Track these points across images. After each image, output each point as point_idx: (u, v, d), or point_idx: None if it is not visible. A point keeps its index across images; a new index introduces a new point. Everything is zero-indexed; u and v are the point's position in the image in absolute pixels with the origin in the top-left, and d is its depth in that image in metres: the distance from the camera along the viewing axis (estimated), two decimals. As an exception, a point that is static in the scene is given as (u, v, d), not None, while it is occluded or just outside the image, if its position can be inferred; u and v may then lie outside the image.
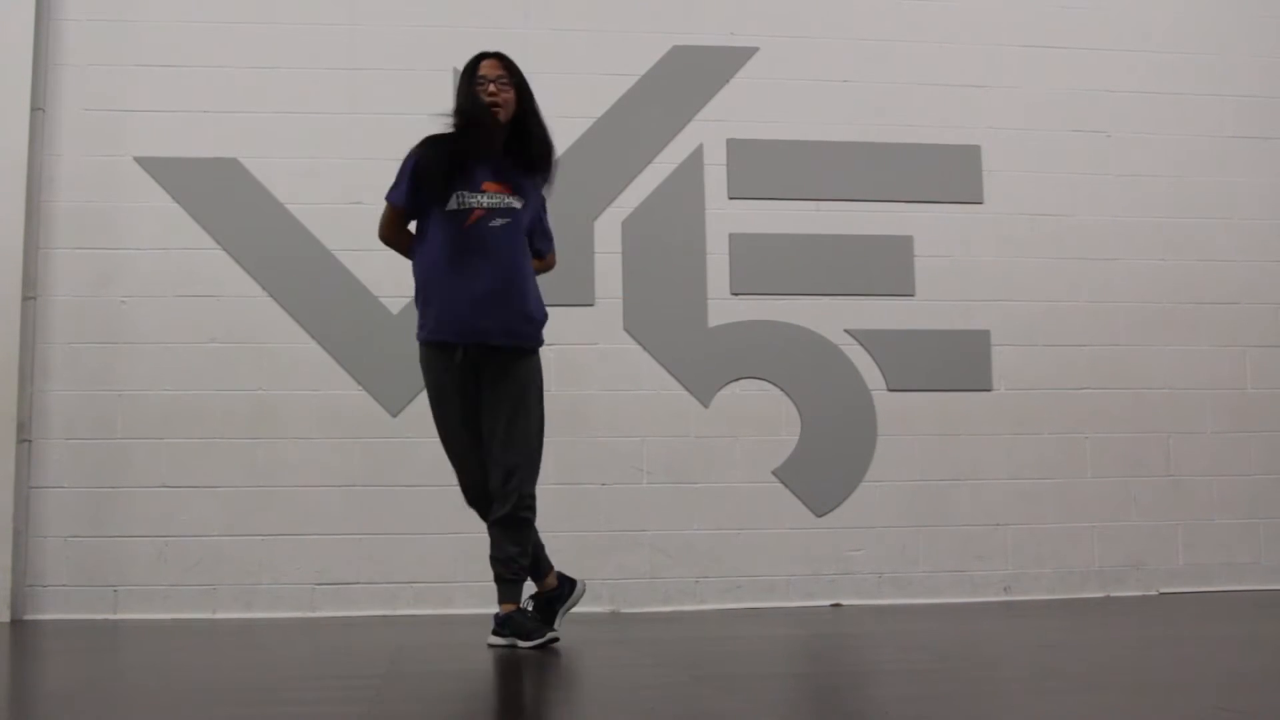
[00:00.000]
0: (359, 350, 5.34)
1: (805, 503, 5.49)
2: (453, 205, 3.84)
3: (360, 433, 5.29)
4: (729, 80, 5.68)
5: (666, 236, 5.55)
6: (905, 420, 5.58)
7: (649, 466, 5.42)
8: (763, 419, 5.51)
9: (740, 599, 5.39)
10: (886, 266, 5.67)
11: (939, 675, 3.25)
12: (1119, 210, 5.85)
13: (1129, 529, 5.66)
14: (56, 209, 5.31)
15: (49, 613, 5.07)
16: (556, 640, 3.89)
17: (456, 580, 5.19)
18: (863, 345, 5.61)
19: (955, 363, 5.65)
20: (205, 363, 5.28)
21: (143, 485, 5.19)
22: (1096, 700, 2.78)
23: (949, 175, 5.75)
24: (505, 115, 3.89)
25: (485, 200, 3.85)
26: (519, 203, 3.90)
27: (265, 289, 5.34)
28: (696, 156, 5.61)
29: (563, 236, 4.39)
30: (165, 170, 5.37)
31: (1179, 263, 5.86)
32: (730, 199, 5.62)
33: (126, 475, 5.19)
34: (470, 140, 3.86)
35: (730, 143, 5.64)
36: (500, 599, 3.90)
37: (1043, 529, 5.61)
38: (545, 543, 4.09)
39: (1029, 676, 3.23)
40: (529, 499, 3.87)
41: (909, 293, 5.66)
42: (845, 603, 5.42)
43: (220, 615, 5.14)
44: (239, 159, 5.40)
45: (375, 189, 4.12)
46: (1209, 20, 6.04)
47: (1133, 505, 5.68)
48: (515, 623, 3.85)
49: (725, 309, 5.55)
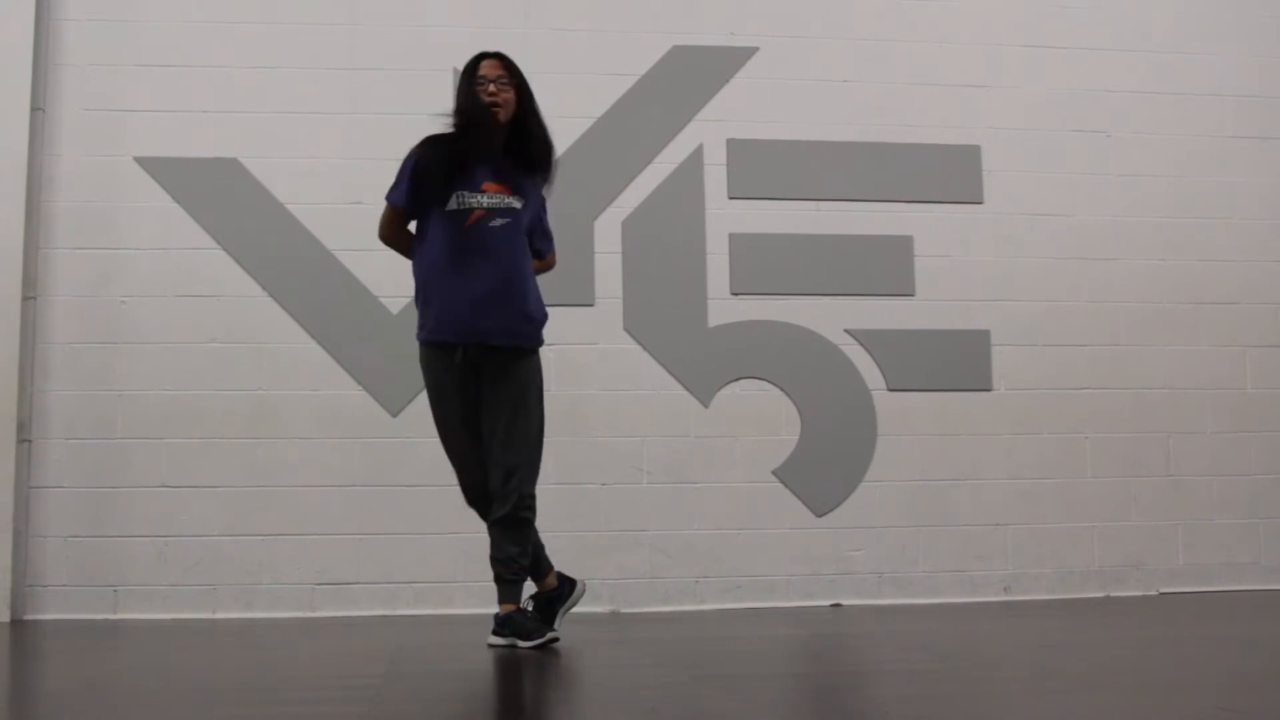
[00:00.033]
0: (359, 350, 5.34)
1: (805, 503, 5.49)
2: (453, 205, 3.84)
3: (360, 433, 5.30)
4: (729, 80, 5.68)
5: (666, 236, 5.55)
6: (905, 420, 5.58)
7: (649, 466, 5.42)
8: (763, 419, 5.51)
9: (740, 599, 5.39)
10: (886, 266, 5.67)
11: (939, 675, 3.24)
12: (1119, 210, 5.85)
13: (1129, 529, 5.66)
14: (56, 209, 5.31)
15: (49, 613, 5.08)
16: (556, 640, 3.89)
17: (456, 580, 5.19)
18: (863, 345, 5.61)
19: (955, 363, 5.65)
20: (205, 363, 5.28)
21: (143, 485, 5.19)
22: (1096, 700, 2.78)
23: (949, 175, 5.75)
24: (505, 115, 3.88)
25: (485, 200, 3.85)
26: (519, 203, 3.90)
27: (265, 289, 5.35)
28: (696, 156, 5.61)
29: (563, 236, 4.39)
30: (165, 170, 5.37)
31: (1179, 263, 5.86)
32: (730, 199, 5.62)
33: (126, 475, 5.19)
34: (470, 140, 3.86)
35: (730, 143, 5.64)
36: (500, 599, 3.90)
37: (1043, 529, 5.61)
38: (545, 543, 4.09)
39: (1029, 676, 3.23)
40: (529, 499, 3.87)
41: (909, 293, 5.66)
42: (845, 603, 5.42)
43: (220, 615, 5.14)
44: (239, 159, 5.40)
45: (375, 189, 4.11)
46: (1209, 20, 6.03)
47: (1133, 505, 5.68)
48: (515, 623, 3.85)
49: (725, 309, 5.55)
